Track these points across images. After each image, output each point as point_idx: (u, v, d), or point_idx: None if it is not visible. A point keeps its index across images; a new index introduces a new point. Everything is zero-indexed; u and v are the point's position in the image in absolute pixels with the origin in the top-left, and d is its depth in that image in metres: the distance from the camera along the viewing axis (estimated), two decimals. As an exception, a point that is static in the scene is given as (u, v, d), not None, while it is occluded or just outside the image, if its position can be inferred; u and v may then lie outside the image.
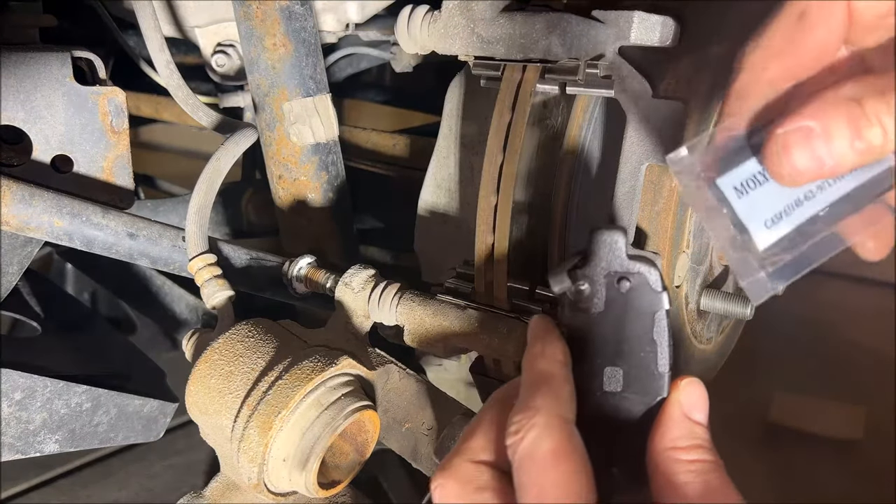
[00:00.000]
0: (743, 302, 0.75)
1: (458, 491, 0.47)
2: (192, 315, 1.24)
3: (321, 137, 0.89)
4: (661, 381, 0.49)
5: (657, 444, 0.46)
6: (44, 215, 0.70)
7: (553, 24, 0.64)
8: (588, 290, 0.50)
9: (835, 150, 0.39)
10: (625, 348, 0.49)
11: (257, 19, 0.84)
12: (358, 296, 0.72)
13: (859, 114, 0.39)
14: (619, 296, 0.49)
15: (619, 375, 0.50)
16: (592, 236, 0.50)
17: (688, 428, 0.46)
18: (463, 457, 0.48)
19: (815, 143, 0.40)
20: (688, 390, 0.48)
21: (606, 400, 0.50)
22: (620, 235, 0.49)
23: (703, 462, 0.45)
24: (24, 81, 0.72)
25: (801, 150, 0.40)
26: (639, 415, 0.49)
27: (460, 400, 0.70)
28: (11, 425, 0.74)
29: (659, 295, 0.49)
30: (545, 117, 0.73)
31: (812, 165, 0.40)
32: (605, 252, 0.50)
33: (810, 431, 1.65)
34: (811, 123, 0.40)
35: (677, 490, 0.44)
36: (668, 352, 0.49)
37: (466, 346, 0.69)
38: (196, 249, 0.76)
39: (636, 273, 0.49)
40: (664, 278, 0.49)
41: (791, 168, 0.41)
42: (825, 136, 0.39)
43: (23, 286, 1.02)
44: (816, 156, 0.40)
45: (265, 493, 0.64)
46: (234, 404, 0.63)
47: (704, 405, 0.48)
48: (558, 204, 0.77)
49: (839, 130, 0.39)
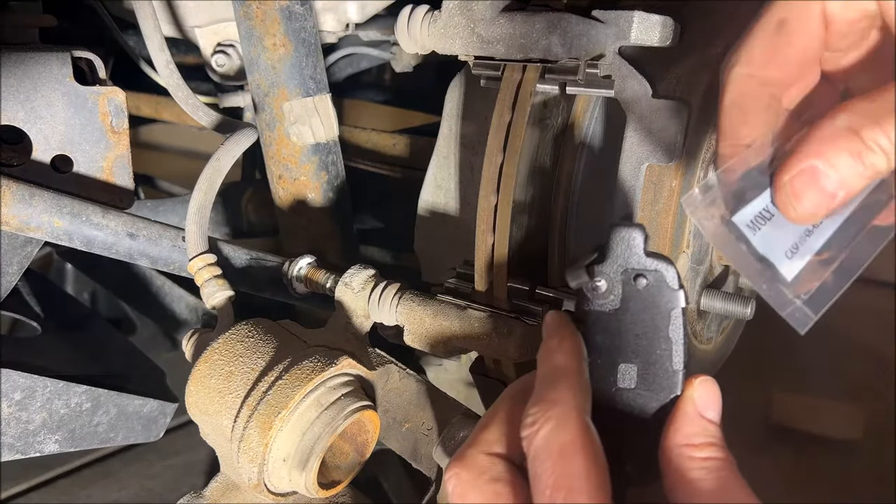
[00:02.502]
0: (743, 302, 0.75)
1: (473, 481, 0.47)
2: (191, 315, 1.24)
3: (321, 137, 0.89)
4: (676, 378, 0.49)
5: (670, 440, 0.47)
6: (44, 215, 0.70)
7: (553, 23, 0.64)
8: (605, 286, 0.50)
9: (844, 182, 0.41)
10: (640, 345, 0.50)
11: (257, 19, 0.84)
12: (358, 296, 0.72)
13: (861, 146, 0.40)
14: (635, 293, 0.50)
15: (633, 372, 0.50)
16: (611, 232, 0.50)
17: (701, 425, 0.47)
18: (477, 448, 0.49)
19: (824, 181, 0.41)
20: (702, 388, 0.48)
21: (620, 396, 0.50)
22: (639, 232, 0.49)
23: (715, 459, 0.45)
24: (24, 81, 0.72)
25: (811, 191, 0.42)
26: (652, 411, 0.50)
27: (460, 400, 0.70)
28: (11, 425, 0.74)
29: (676, 293, 0.49)
30: (545, 117, 0.73)
31: (824, 201, 0.42)
32: (622, 248, 0.50)
33: (810, 431, 1.65)
34: (816, 163, 0.41)
35: (690, 486, 0.45)
36: (683, 350, 0.49)
37: (466, 346, 0.69)
38: (196, 249, 0.76)
39: (653, 270, 0.49)
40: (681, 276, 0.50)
41: (804, 210, 0.42)
42: (832, 171, 0.41)
43: (23, 286, 1.02)
44: (827, 193, 0.41)
45: (265, 494, 0.64)
46: (234, 404, 0.63)
47: (717, 404, 0.48)
48: (558, 204, 0.77)
49: (844, 165, 0.40)
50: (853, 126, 0.40)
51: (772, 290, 0.46)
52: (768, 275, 0.46)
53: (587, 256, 0.51)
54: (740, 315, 0.75)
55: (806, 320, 0.46)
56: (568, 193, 0.77)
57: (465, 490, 0.47)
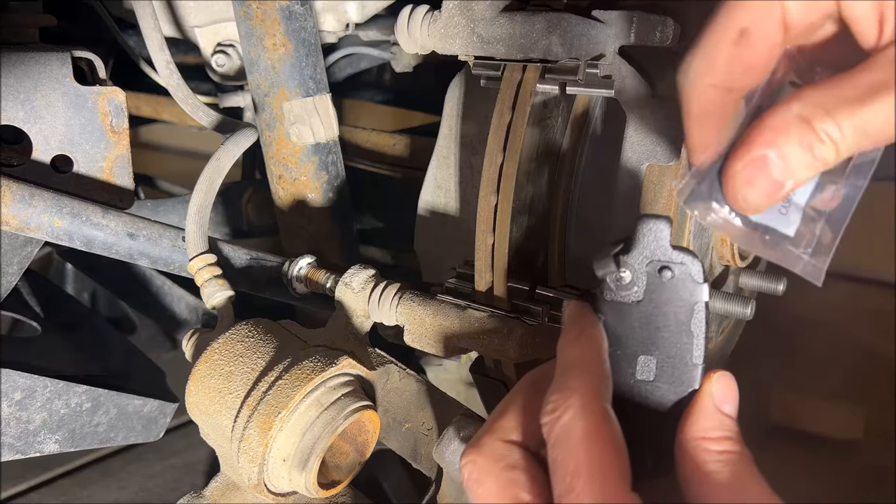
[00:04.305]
0: (743, 302, 0.75)
1: (489, 468, 0.47)
2: (192, 315, 1.24)
3: (321, 137, 0.89)
4: (695, 372, 0.49)
5: (687, 433, 0.47)
6: (44, 215, 0.70)
7: (553, 24, 0.64)
8: (629, 277, 0.50)
9: (792, 172, 0.41)
10: (660, 338, 0.49)
11: (257, 19, 0.84)
12: (358, 296, 0.72)
13: (812, 136, 0.40)
14: (659, 285, 0.49)
15: (652, 364, 0.50)
16: (638, 223, 0.49)
17: (718, 419, 0.47)
18: (494, 435, 0.49)
19: (774, 170, 0.41)
20: (720, 383, 0.48)
21: (637, 388, 0.50)
22: (666, 224, 0.49)
23: (731, 453, 0.45)
24: (24, 81, 0.72)
25: (761, 181, 0.42)
26: (669, 404, 0.49)
27: (460, 400, 0.70)
28: (11, 425, 0.74)
29: (700, 287, 0.49)
30: (545, 117, 0.73)
31: (773, 190, 0.42)
32: (649, 240, 0.49)
33: (810, 431, 1.65)
34: (766, 152, 0.41)
35: (705, 478, 0.45)
36: (705, 344, 0.49)
37: (466, 346, 0.69)
38: (196, 249, 0.76)
39: (679, 263, 0.49)
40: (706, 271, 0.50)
41: (752, 199, 0.43)
42: (782, 162, 0.41)
43: (23, 286, 1.02)
44: (776, 181, 0.41)
45: (265, 494, 0.64)
46: (234, 404, 0.63)
47: (735, 399, 0.48)
48: (558, 204, 0.77)
49: (794, 154, 0.41)
50: (805, 116, 0.40)
51: (778, 252, 0.46)
52: (771, 240, 0.46)
53: (613, 246, 0.51)
54: (740, 315, 0.75)
55: (818, 272, 0.46)
56: (568, 193, 0.77)
57: (481, 476, 0.47)
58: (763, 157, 0.41)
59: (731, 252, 0.81)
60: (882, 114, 0.39)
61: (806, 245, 0.46)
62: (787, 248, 0.46)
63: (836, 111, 0.40)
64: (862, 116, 0.39)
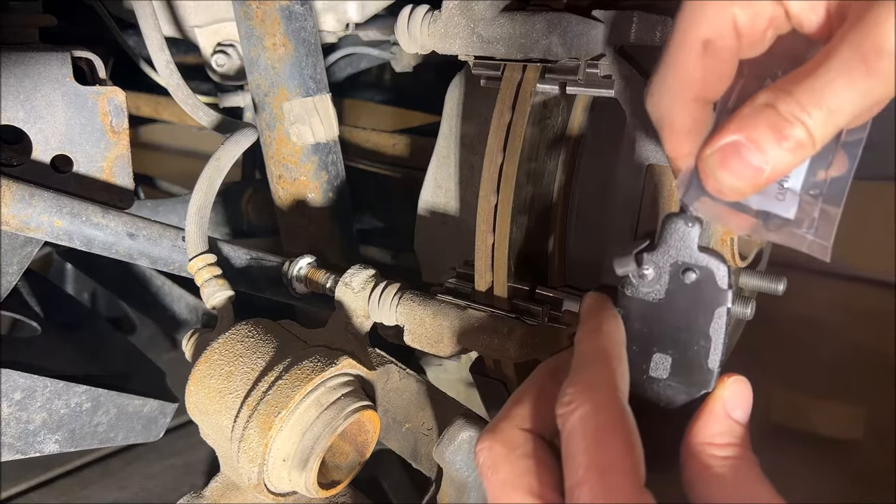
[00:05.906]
0: (743, 302, 0.75)
1: (506, 455, 0.47)
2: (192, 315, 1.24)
3: (321, 137, 0.89)
4: (710, 375, 0.49)
5: (694, 436, 0.47)
6: (44, 215, 0.70)
7: (553, 23, 0.64)
8: (652, 275, 0.49)
9: (767, 155, 0.41)
10: (678, 338, 0.49)
11: (257, 19, 0.84)
12: (358, 296, 0.72)
13: (777, 118, 0.41)
14: (682, 286, 0.49)
15: (666, 363, 0.50)
16: (666, 222, 0.49)
17: (728, 425, 0.47)
18: (511, 422, 0.49)
19: (747, 154, 0.41)
20: (733, 388, 0.48)
21: (649, 384, 0.50)
22: (696, 227, 0.48)
23: (737, 459, 0.46)
24: (24, 81, 0.72)
25: (737, 164, 0.42)
26: (679, 403, 0.49)
27: (460, 400, 0.70)
28: (11, 425, 0.74)
29: (724, 292, 0.48)
30: (545, 117, 0.73)
31: (754, 175, 0.42)
32: (675, 240, 0.49)
33: (810, 431, 1.65)
34: (737, 137, 0.42)
35: (710, 481, 0.45)
36: (722, 349, 0.48)
37: (466, 346, 0.69)
38: (196, 249, 0.76)
39: (704, 266, 0.48)
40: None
41: (730, 182, 0.43)
42: (754, 146, 0.41)
43: (23, 286, 1.02)
44: (752, 165, 0.42)
45: (265, 494, 0.64)
46: (234, 404, 0.63)
47: (747, 404, 0.48)
48: (558, 204, 0.77)
49: (764, 137, 0.41)
50: (769, 101, 0.41)
51: (783, 234, 0.46)
52: (773, 224, 0.46)
53: (637, 243, 0.50)
54: (740, 315, 0.75)
55: (824, 250, 0.46)
56: (568, 193, 0.77)
57: (497, 463, 0.47)
58: (735, 142, 0.42)
59: (731, 252, 0.81)
60: (840, 87, 0.39)
61: (808, 226, 0.46)
62: (790, 230, 0.46)
63: (795, 91, 0.40)
64: (821, 93, 0.40)
